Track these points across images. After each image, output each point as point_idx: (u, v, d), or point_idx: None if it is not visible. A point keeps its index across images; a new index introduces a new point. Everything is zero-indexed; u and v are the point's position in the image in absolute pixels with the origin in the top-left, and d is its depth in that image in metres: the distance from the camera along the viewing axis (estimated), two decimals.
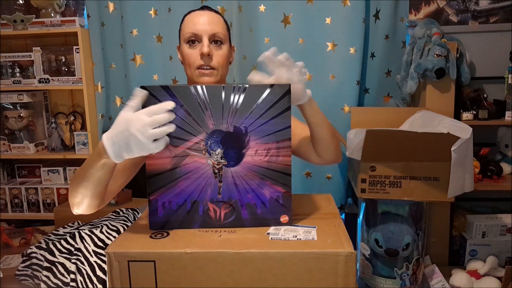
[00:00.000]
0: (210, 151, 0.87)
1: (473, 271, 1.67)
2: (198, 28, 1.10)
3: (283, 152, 0.88)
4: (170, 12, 1.98)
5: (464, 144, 1.25)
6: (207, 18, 1.12)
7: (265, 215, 0.90)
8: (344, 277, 0.78)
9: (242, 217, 0.90)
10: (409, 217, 1.50)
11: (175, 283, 0.80)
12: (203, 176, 0.88)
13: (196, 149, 0.87)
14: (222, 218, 0.90)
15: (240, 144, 0.87)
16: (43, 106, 2.28)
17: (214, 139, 0.87)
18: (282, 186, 0.89)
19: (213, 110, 0.86)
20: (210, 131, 0.86)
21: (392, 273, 1.54)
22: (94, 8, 2.06)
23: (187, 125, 0.86)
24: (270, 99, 0.86)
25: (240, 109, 0.86)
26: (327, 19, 1.87)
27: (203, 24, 1.11)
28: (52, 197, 2.20)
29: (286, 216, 0.90)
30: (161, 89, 0.84)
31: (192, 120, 0.86)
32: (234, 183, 0.89)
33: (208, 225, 0.90)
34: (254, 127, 0.87)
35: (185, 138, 0.86)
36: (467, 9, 2.02)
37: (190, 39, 1.11)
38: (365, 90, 1.98)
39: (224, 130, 0.87)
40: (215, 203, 0.89)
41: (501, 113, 1.82)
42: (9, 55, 2.13)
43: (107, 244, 1.43)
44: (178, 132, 0.85)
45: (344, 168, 1.97)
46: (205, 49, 1.09)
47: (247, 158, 0.88)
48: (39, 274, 1.46)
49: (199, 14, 1.13)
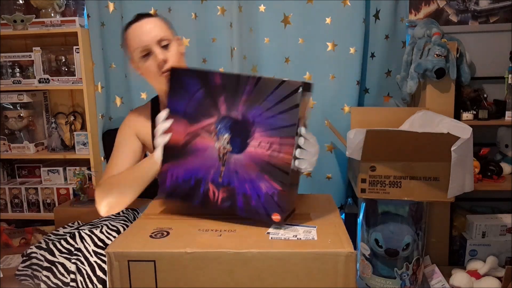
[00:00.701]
0: (218, 135, 0.91)
1: (473, 271, 1.67)
2: (144, 40, 1.14)
3: (285, 149, 0.87)
4: (170, 12, 1.98)
5: (464, 144, 1.25)
6: (147, 28, 1.15)
7: (258, 208, 0.89)
8: (344, 277, 0.78)
9: (237, 205, 0.91)
10: (409, 217, 1.50)
11: (175, 283, 0.80)
12: (209, 157, 0.92)
13: (207, 131, 0.92)
14: (219, 202, 0.92)
15: (246, 133, 0.89)
16: (43, 106, 2.28)
17: (224, 124, 0.91)
18: (279, 183, 0.87)
19: (227, 96, 0.90)
20: (222, 116, 0.91)
21: (392, 273, 1.54)
22: (94, 8, 2.06)
23: (203, 107, 0.92)
24: (279, 94, 0.86)
25: (251, 99, 0.88)
26: (327, 19, 1.87)
27: (146, 35, 1.14)
28: (52, 197, 2.20)
29: (278, 215, 0.88)
30: (186, 71, 0.95)
31: (208, 103, 0.91)
32: (235, 170, 0.90)
33: (206, 204, 0.93)
34: (261, 119, 0.88)
35: (200, 119, 0.93)
36: (467, 9, 2.02)
37: (142, 54, 1.15)
38: (365, 90, 1.98)
39: (234, 117, 0.90)
40: (215, 185, 0.92)
41: (501, 113, 1.82)
42: (9, 55, 2.13)
43: (107, 244, 1.43)
44: (194, 112, 0.93)
45: (344, 168, 1.97)
46: (160, 56, 1.13)
47: (250, 148, 0.89)
48: (39, 274, 1.46)
49: (138, 27, 1.16)
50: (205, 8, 1.95)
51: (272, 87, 0.86)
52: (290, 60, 1.94)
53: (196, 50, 1.99)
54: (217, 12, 1.94)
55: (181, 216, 0.98)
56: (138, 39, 1.15)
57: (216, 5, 1.93)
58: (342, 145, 1.81)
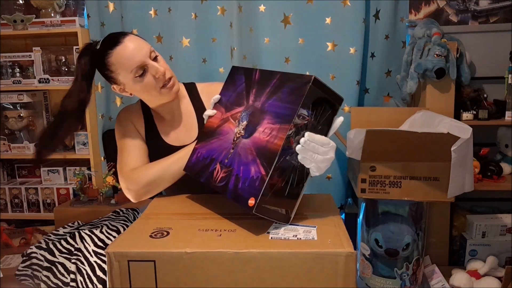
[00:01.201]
0: (240, 121, 0.97)
1: (473, 271, 1.67)
2: (138, 59, 1.11)
3: (280, 134, 0.85)
4: (170, 12, 1.98)
5: (464, 144, 1.25)
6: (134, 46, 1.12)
7: (242, 191, 0.87)
8: (344, 277, 0.78)
9: (228, 187, 0.91)
10: (409, 217, 1.50)
11: (175, 283, 0.80)
12: (227, 141, 0.98)
13: (234, 118, 1.00)
14: (218, 181, 0.95)
15: (258, 120, 0.93)
16: (43, 106, 2.28)
17: (247, 112, 0.97)
18: (264, 168, 0.85)
19: (257, 89, 0.97)
20: (249, 105, 0.97)
21: (392, 273, 1.54)
22: (94, 8, 2.06)
23: (239, 97, 1.01)
24: (292, 86, 0.89)
25: (271, 91, 0.93)
26: (327, 19, 1.87)
27: (138, 52, 1.12)
28: (52, 197, 2.20)
29: (254, 199, 0.83)
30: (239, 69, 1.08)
31: (244, 94, 1.00)
32: (239, 153, 0.93)
33: (208, 182, 0.97)
34: (270, 108, 0.91)
35: (233, 107, 1.02)
36: (467, 9, 2.02)
37: (139, 74, 1.12)
38: (365, 90, 1.98)
39: (256, 106, 0.95)
40: (221, 165, 0.96)
41: (501, 113, 1.82)
42: (9, 55, 2.13)
43: (107, 244, 1.43)
44: (233, 101, 1.03)
45: (344, 168, 1.97)
46: (161, 69, 1.13)
47: (255, 134, 0.91)
48: (39, 274, 1.46)
49: (124, 48, 1.12)
50: (205, 8, 1.95)
51: (289, 80, 0.91)
52: (290, 60, 1.94)
53: (196, 50, 1.99)
54: (217, 12, 1.94)
55: (181, 216, 0.98)
56: (132, 60, 1.11)
57: (216, 5, 1.93)
58: (342, 145, 1.81)
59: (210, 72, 2.01)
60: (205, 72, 2.01)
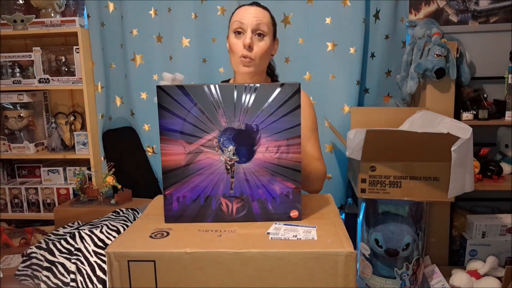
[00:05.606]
0: (222, 148, 0.90)
1: (473, 271, 1.67)
2: (243, 20, 1.22)
3: (293, 149, 0.89)
4: (170, 12, 1.98)
5: (464, 144, 1.25)
6: (253, 12, 1.23)
7: (276, 210, 0.92)
8: (344, 277, 0.78)
9: (253, 212, 0.92)
10: (409, 217, 1.50)
11: (175, 283, 0.79)
12: (216, 172, 0.91)
13: (209, 146, 0.90)
14: (234, 213, 0.92)
15: (252, 141, 0.90)
16: (43, 106, 2.28)
17: (227, 136, 0.90)
18: (292, 182, 0.91)
19: (225, 108, 0.88)
20: (223, 128, 0.89)
21: (392, 273, 1.54)
22: (94, 8, 2.06)
23: (201, 123, 0.89)
24: (280, 98, 0.87)
25: (252, 107, 0.88)
26: (327, 19, 1.87)
27: (248, 17, 1.22)
28: (52, 197, 2.20)
29: (296, 211, 0.92)
30: (176, 88, 0.88)
31: (206, 118, 0.89)
32: (246, 179, 0.91)
33: (220, 219, 0.92)
34: (265, 125, 0.89)
35: (199, 136, 0.90)
36: (467, 9, 2.02)
37: (236, 30, 1.24)
38: (365, 90, 1.98)
39: (236, 127, 0.89)
40: (227, 198, 0.92)
41: (501, 113, 1.82)
42: (9, 55, 2.13)
43: (107, 244, 1.43)
44: (192, 130, 0.89)
45: (344, 168, 1.97)
46: (247, 40, 1.21)
47: (258, 155, 0.90)
48: (39, 274, 1.46)
49: (247, 8, 1.25)
50: (205, 8, 1.95)
51: (272, 92, 0.87)
52: (290, 60, 1.94)
53: (196, 50, 1.99)
54: (217, 12, 1.94)
55: None
56: (240, 15, 1.24)
57: (216, 5, 1.93)
58: (342, 145, 1.81)
59: (210, 72, 2.01)
60: (205, 72, 2.02)
